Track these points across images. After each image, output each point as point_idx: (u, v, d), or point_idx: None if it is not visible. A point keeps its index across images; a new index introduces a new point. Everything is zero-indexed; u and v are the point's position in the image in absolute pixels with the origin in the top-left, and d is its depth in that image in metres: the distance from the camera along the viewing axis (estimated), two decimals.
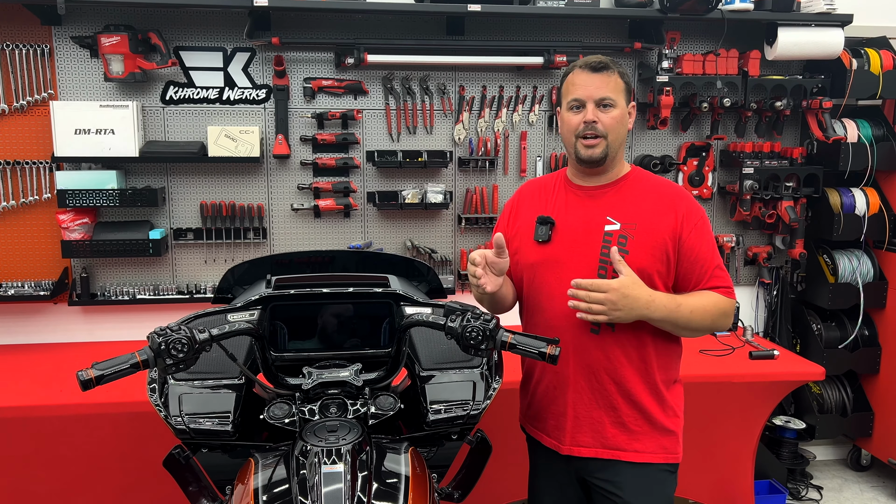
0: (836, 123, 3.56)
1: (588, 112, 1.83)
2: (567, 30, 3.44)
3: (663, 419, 1.88)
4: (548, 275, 1.89)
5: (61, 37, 3.11)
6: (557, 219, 1.92)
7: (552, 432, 1.94)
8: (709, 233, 1.89)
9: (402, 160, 3.33)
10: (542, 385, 1.96)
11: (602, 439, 1.88)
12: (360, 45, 3.20)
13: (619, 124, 1.87)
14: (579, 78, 1.86)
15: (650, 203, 1.88)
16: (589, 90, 1.84)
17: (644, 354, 1.86)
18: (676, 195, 1.89)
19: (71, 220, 3.09)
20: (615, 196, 1.91)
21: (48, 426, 2.60)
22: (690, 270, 1.86)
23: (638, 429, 1.87)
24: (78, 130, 3.04)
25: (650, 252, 1.83)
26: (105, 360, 1.47)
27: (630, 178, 1.94)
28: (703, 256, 1.85)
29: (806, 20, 3.37)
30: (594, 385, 1.87)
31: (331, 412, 1.64)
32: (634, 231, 1.84)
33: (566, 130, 1.90)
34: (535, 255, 1.93)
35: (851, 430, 3.76)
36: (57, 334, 3.29)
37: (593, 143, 1.84)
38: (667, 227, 1.84)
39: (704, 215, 1.90)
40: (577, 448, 1.90)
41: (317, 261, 2.16)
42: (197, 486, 1.73)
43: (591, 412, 1.88)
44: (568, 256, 1.87)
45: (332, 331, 1.84)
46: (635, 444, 1.87)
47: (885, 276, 3.63)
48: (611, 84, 1.85)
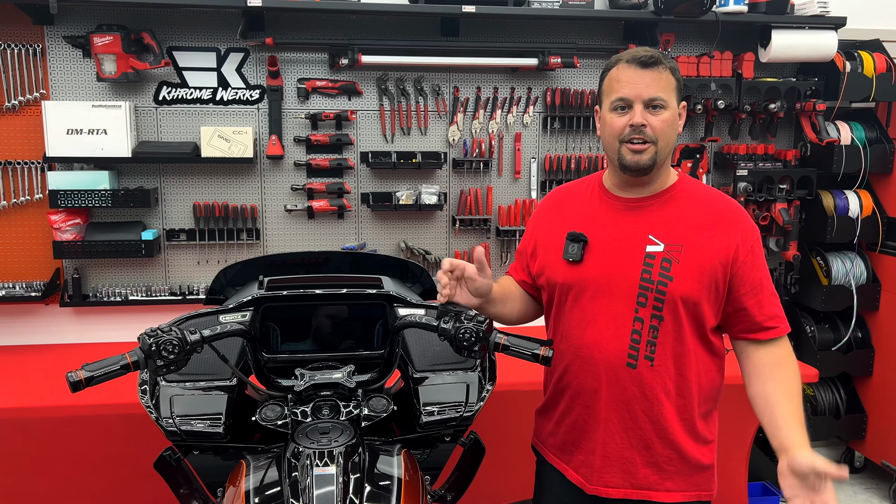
0: (830, 126, 3.57)
1: (636, 114, 1.60)
2: (562, 31, 3.44)
3: (698, 454, 1.71)
4: (580, 300, 1.70)
5: (53, 36, 3.09)
6: (591, 235, 1.70)
7: (579, 468, 1.76)
8: (762, 256, 1.67)
9: (396, 161, 3.32)
10: (570, 417, 1.77)
11: (633, 480, 1.69)
12: (355, 46, 3.20)
13: (671, 128, 1.63)
14: (626, 74, 1.61)
15: (700, 221, 1.65)
16: (638, 88, 1.59)
17: (684, 390, 1.67)
18: (731, 213, 1.67)
19: (63, 220, 3.07)
20: (660, 211, 1.68)
21: (38, 428, 2.58)
22: (743, 303, 1.65)
23: (672, 468, 1.68)
24: (70, 130, 3.02)
25: (697, 279, 1.61)
26: (95, 362, 1.46)
27: (678, 189, 1.71)
28: (757, 286, 1.64)
29: (799, 23, 3.38)
30: (628, 423, 1.68)
31: (323, 414, 1.63)
32: (680, 254, 1.62)
33: (608, 135, 1.66)
34: (564, 276, 1.72)
35: (845, 431, 3.77)
36: (48, 335, 3.27)
37: (641, 149, 1.61)
38: (718, 251, 1.62)
39: (759, 236, 1.69)
40: (605, 489, 1.72)
41: (310, 262, 2.15)
42: (188, 489, 1.72)
43: (622, 452, 1.69)
44: (602, 280, 1.66)
45: (324, 332, 1.84)
46: (667, 483, 1.69)
47: (878, 279, 3.64)
48: (662, 82, 1.60)
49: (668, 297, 1.62)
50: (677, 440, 1.68)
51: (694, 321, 1.65)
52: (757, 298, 1.65)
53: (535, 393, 2.00)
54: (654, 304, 1.62)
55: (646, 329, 1.64)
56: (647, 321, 1.64)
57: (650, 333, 1.64)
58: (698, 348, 1.68)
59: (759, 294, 1.65)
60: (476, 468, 1.85)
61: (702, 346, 1.69)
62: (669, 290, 1.61)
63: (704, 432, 1.73)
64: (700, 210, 1.68)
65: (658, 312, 1.63)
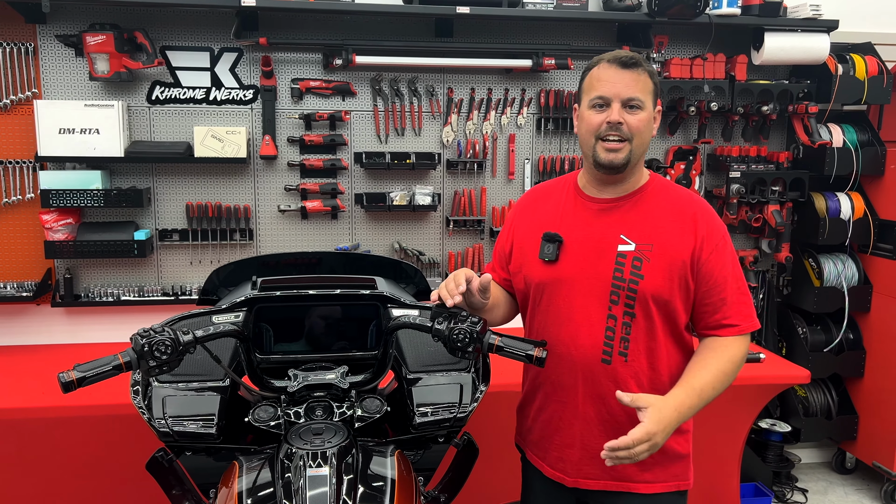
0: (822, 128, 3.58)
1: (613, 112, 1.65)
2: (555, 33, 3.44)
3: (675, 444, 1.75)
4: (556, 298, 1.75)
5: (46, 35, 3.08)
6: (566, 235, 1.75)
7: (555, 464, 1.81)
8: (730, 254, 1.73)
9: (390, 162, 3.32)
10: (545, 413, 1.82)
11: (612, 471, 1.73)
12: (349, 46, 3.19)
13: (646, 129, 1.69)
14: (606, 73, 1.66)
15: (669, 220, 1.71)
16: (617, 87, 1.65)
17: (657, 383, 1.72)
18: (697, 211, 1.73)
19: (54, 220, 3.06)
20: (631, 211, 1.74)
21: (30, 428, 2.57)
22: (707, 298, 1.70)
23: (650, 460, 1.67)
24: (62, 130, 3.01)
25: (667, 277, 1.67)
26: (87, 362, 1.46)
27: (648, 189, 1.76)
28: (721, 283, 1.69)
29: (792, 25, 3.39)
30: (604, 416, 1.73)
31: (316, 415, 1.63)
32: (651, 252, 1.68)
33: (585, 130, 1.71)
34: (541, 275, 1.77)
35: (836, 433, 3.78)
36: (39, 336, 3.25)
37: (616, 147, 1.66)
38: (685, 249, 1.68)
39: (726, 233, 1.74)
40: (585, 481, 1.77)
41: (303, 262, 2.15)
42: (180, 490, 1.71)
43: (600, 444, 1.66)
44: (577, 279, 1.72)
45: (318, 333, 1.83)
46: (646, 474, 1.75)
47: (869, 280, 3.66)
48: (640, 83, 1.66)
49: (639, 294, 1.68)
50: None
51: (665, 318, 1.71)
52: (721, 295, 1.70)
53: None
54: (626, 302, 1.68)
55: (619, 326, 1.70)
56: (619, 318, 1.69)
57: (623, 330, 1.70)
58: (669, 344, 1.74)
59: (723, 291, 1.70)
60: (469, 469, 1.85)
61: (673, 341, 1.74)
62: (640, 288, 1.67)
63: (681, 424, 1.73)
64: (670, 209, 1.73)
65: (630, 310, 1.69)
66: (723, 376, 1.68)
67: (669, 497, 1.78)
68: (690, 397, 1.62)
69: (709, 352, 1.71)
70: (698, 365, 1.70)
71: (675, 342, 1.75)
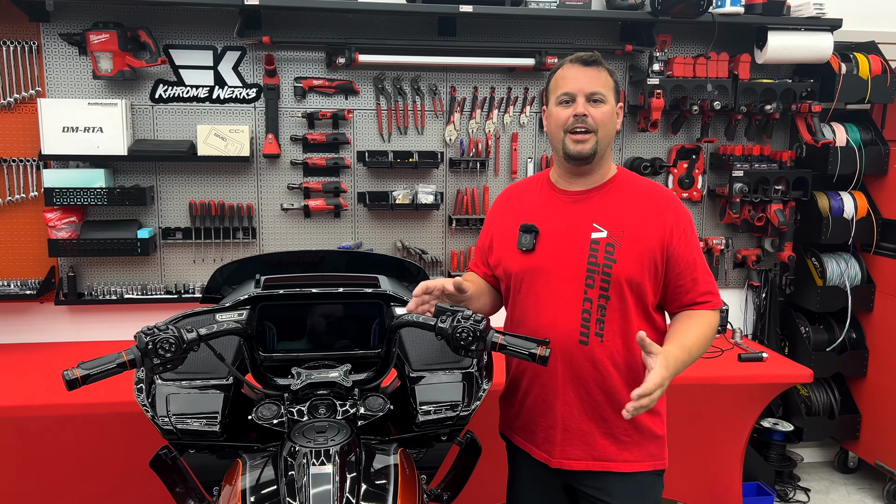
0: (825, 127, 3.58)
1: (578, 105, 1.79)
2: (558, 31, 3.44)
3: (651, 424, 1.87)
4: (534, 285, 1.86)
5: (49, 34, 3.08)
6: (541, 226, 1.87)
7: (542, 445, 1.90)
8: (695, 238, 1.87)
9: (392, 161, 3.32)
10: (530, 396, 1.91)
11: (592, 451, 1.85)
12: (352, 45, 3.19)
13: (610, 120, 1.82)
14: (570, 72, 1.82)
15: (638, 209, 1.84)
16: (580, 83, 1.79)
17: (632, 363, 1.82)
18: (664, 200, 1.86)
19: (58, 218, 3.06)
20: (601, 201, 1.86)
21: (34, 426, 2.58)
22: (680, 280, 1.83)
23: (627, 439, 1.85)
24: (66, 128, 3.01)
25: (638, 260, 1.79)
26: (91, 360, 1.46)
27: (617, 181, 1.89)
28: (692, 265, 1.83)
29: (796, 24, 3.38)
30: (583, 396, 1.84)
31: (320, 413, 1.63)
32: (622, 238, 1.80)
33: (554, 126, 1.84)
34: (519, 265, 1.88)
35: (839, 432, 3.78)
36: (43, 334, 3.26)
37: (583, 139, 1.79)
38: (655, 235, 1.80)
39: (691, 220, 1.88)
40: (568, 461, 1.87)
41: (306, 261, 2.15)
42: (184, 487, 1.71)
43: (580, 424, 1.85)
44: (554, 266, 1.83)
45: (321, 331, 1.84)
46: (625, 454, 1.85)
47: (872, 280, 3.65)
48: (601, 79, 1.81)
49: (613, 278, 1.79)
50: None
51: (637, 300, 1.82)
52: (692, 276, 1.83)
53: None
54: (601, 286, 1.79)
55: (594, 308, 1.80)
56: (595, 301, 1.80)
57: (598, 312, 1.80)
58: (642, 324, 1.83)
59: (694, 272, 1.83)
60: (472, 467, 1.85)
61: (645, 321, 1.85)
62: (614, 271, 1.78)
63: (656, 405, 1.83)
64: (637, 199, 1.86)
65: (605, 292, 1.80)
66: (705, 340, 1.80)
67: (647, 476, 1.88)
68: (683, 353, 1.72)
69: (689, 319, 1.83)
70: (684, 327, 1.81)
71: (647, 322, 1.85)
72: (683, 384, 2.87)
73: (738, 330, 3.43)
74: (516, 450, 1.99)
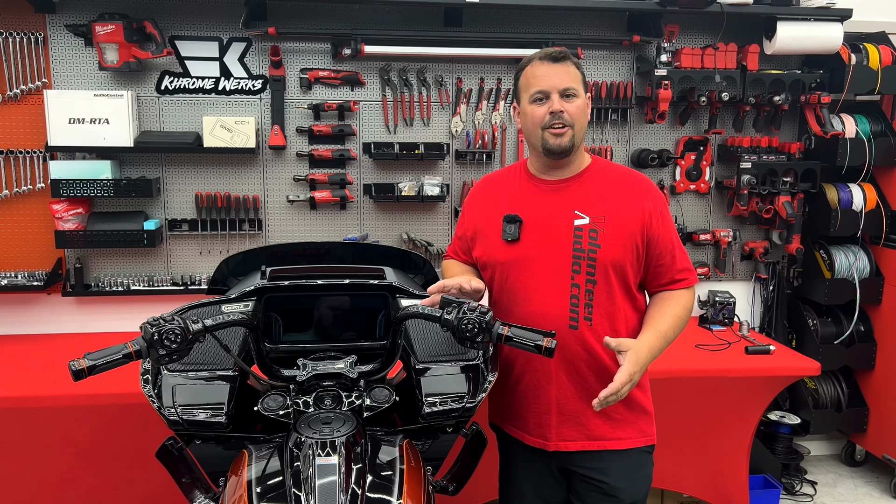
0: (835, 118, 3.55)
1: (554, 102, 1.82)
2: (565, 22, 3.42)
3: (642, 399, 1.94)
4: (521, 274, 1.88)
5: (55, 25, 3.08)
6: (525, 216, 1.90)
7: (534, 430, 1.93)
8: (670, 218, 1.94)
9: (398, 152, 3.31)
10: (522, 383, 1.93)
11: (587, 431, 1.90)
12: (357, 36, 3.18)
13: (583, 114, 1.87)
14: (541, 69, 1.85)
15: (617, 194, 1.89)
16: (552, 80, 1.83)
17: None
18: (640, 185, 1.92)
19: (65, 210, 3.07)
20: (580, 189, 1.90)
21: (40, 417, 2.59)
22: (661, 260, 1.90)
23: (619, 417, 1.90)
24: (72, 120, 3.01)
25: (621, 244, 1.85)
26: (97, 351, 1.46)
27: (593, 169, 1.94)
28: (670, 244, 1.90)
29: (805, 14, 3.35)
30: (575, 379, 1.88)
31: (325, 404, 1.63)
32: (604, 224, 1.85)
33: (531, 124, 1.88)
34: (505, 255, 1.91)
35: (846, 425, 3.77)
36: (50, 325, 3.27)
37: (562, 132, 1.83)
38: (635, 218, 1.86)
39: (665, 202, 1.95)
40: (564, 443, 1.91)
41: (312, 252, 2.15)
42: (190, 478, 1.72)
43: (574, 406, 1.89)
44: (539, 254, 1.87)
45: (327, 323, 1.84)
46: (618, 432, 1.91)
47: (881, 272, 3.63)
48: (571, 74, 1.85)
49: (598, 262, 1.84)
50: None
51: (621, 281, 1.87)
52: (671, 255, 1.90)
53: None
54: (588, 271, 1.84)
55: (582, 293, 1.85)
56: (582, 286, 1.85)
57: (587, 297, 1.85)
58: (626, 305, 1.90)
59: (673, 251, 1.90)
60: (478, 459, 1.85)
61: (629, 302, 1.91)
62: (599, 256, 1.83)
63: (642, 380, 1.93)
64: (615, 185, 1.91)
65: (591, 277, 1.85)
66: (680, 321, 1.89)
67: (640, 452, 1.94)
68: (658, 339, 1.82)
69: (664, 302, 1.91)
70: (659, 312, 1.89)
71: (630, 303, 1.91)
72: (690, 377, 2.88)
73: (746, 322, 3.42)
74: (508, 438, 2.02)
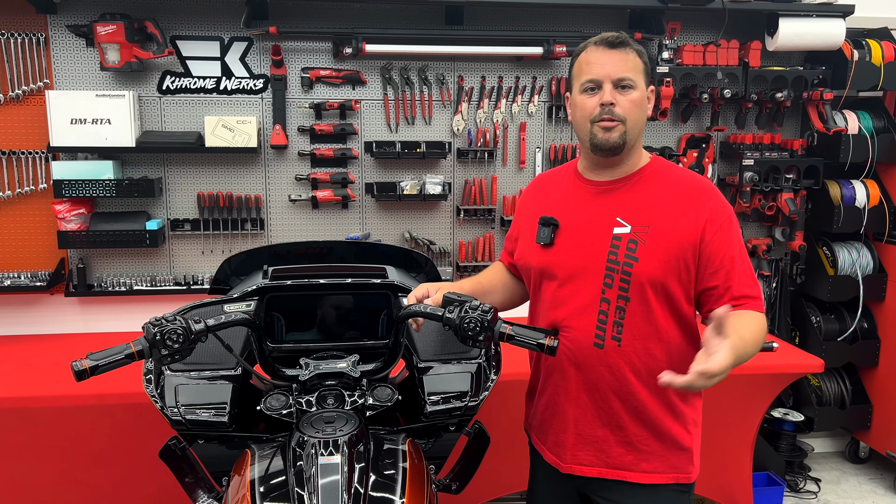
0: (837, 115, 3.54)
1: (605, 93, 1.63)
2: (567, 19, 3.41)
3: (676, 433, 1.71)
4: (550, 282, 1.75)
5: (57, 25, 3.08)
6: (562, 219, 1.74)
7: (552, 448, 1.81)
8: (736, 235, 1.66)
9: (400, 151, 3.31)
10: (544, 397, 1.82)
11: (606, 458, 1.72)
12: (359, 35, 3.18)
13: (639, 108, 1.66)
14: (594, 56, 1.65)
15: (668, 201, 1.66)
16: (606, 69, 1.63)
17: (655, 369, 1.59)
18: (700, 192, 1.67)
19: (67, 210, 3.07)
20: (628, 193, 1.70)
21: (44, 417, 2.59)
22: (712, 281, 1.64)
23: (647, 448, 1.70)
24: (74, 120, 3.02)
25: (663, 259, 1.62)
26: (100, 351, 1.46)
27: (648, 171, 1.72)
28: (728, 265, 1.63)
29: (807, 11, 3.35)
30: (598, 402, 1.71)
31: (328, 403, 1.63)
32: (646, 235, 1.64)
33: (580, 116, 1.68)
34: (538, 260, 1.77)
35: (850, 422, 3.76)
36: (53, 325, 3.27)
37: (611, 126, 1.63)
38: (685, 231, 1.63)
39: (732, 215, 1.68)
40: (579, 466, 1.75)
41: (314, 252, 2.15)
42: (193, 478, 1.72)
43: (594, 430, 1.72)
44: (571, 262, 1.71)
45: (329, 322, 1.83)
46: (643, 463, 1.70)
47: (884, 269, 3.62)
48: (629, 63, 1.64)
49: (633, 278, 1.63)
50: (653, 420, 1.69)
51: (664, 301, 1.65)
52: (727, 276, 1.63)
53: None
54: (621, 286, 1.65)
55: (612, 310, 1.66)
56: (613, 302, 1.66)
57: (616, 314, 1.65)
58: (671, 327, 1.68)
59: (731, 272, 1.63)
60: (481, 458, 1.85)
61: (675, 326, 1.68)
62: (635, 271, 1.63)
63: (684, 410, 1.73)
64: (669, 191, 1.68)
65: (624, 293, 1.65)
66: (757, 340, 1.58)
67: (669, 490, 1.72)
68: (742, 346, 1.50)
69: (741, 318, 1.58)
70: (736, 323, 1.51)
71: (678, 326, 1.69)
72: None
73: None
74: (533, 450, 1.93)
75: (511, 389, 2.12)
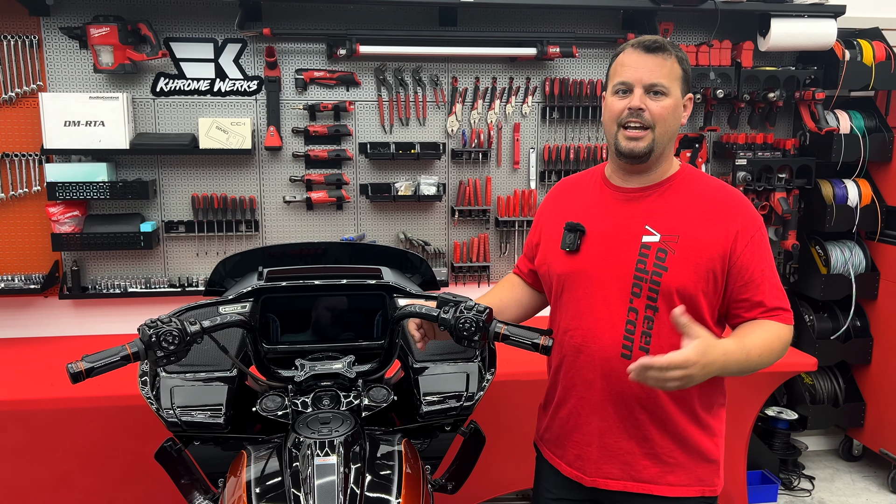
0: (829, 115, 3.56)
1: (635, 97, 1.59)
2: (560, 20, 3.42)
3: (703, 445, 1.69)
4: (575, 290, 1.69)
5: (50, 28, 3.07)
6: (588, 225, 1.70)
7: (573, 462, 1.75)
8: (765, 247, 1.64)
9: (394, 152, 3.32)
10: (564, 409, 1.76)
11: (632, 472, 1.68)
12: (352, 36, 3.18)
13: (671, 116, 1.62)
14: (630, 58, 1.62)
15: (699, 211, 1.63)
16: (639, 73, 1.59)
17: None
18: (732, 203, 1.64)
19: (61, 212, 3.07)
20: (658, 200, 1.67)
21: (39, 419, 2.59)
22: (742, 294, 1.62)
23: (673, 461, 1.67)
24: (67, 122, 3.01)
25: (693, 270, 1.59)
26: (95, 353, 1.46)
27: (678, 179, 1.69)
28: (758, 278, 1.61)
29: (799, 11, 3.36)
30: (624, 414, 1.67)
31: (324, 404, 1.64)
32: (676, 244, 1.60)
33: (608, 118, 1.65)
34: (562, 267, 1.72)
35: (843, 420, 3.78)
36: (48, 328, 3.27)
37: (638, 136, 1.60)
38: (716, 242, 1.60)
39: (762, 227, 1.65)
40: (604, 480, 1.70)
41: (309, 253, 2.15)
42: (189, 479, 1.72)
43: (620, 443, 1.68)
44: (598, 270, 1.66)
45: (324, 323, 1.84)
46: (669, 476, 1.67)
47: (876, 267, 3.64)
48: (665, 69, 1.60)
49: (662, 287, 1.60)
50: (679, 431, 1.67)
51: (692, 312, 1.57)
52: (756, 289, 1.61)
53: (536, 383, 2.00)
54: (649, 295, 1.61)
55: (640, 320, 1.62)
56: (641, 312, 1.62)
57: (645, 324, 1.62)
58: None
59: (760, 285, 1.61)
60: (476, 457, 1.85)
61: None
62: (664, 280, 1.60)
63: (710, 422, 1.71)
64: (700, 200, 1.65)
65: (653, 303, 1.61)
66: (769, 350, 1.58)
67: (695, 502, 1.69)
68: (739, 351, 1.52)
69: (756, 325, 1.61)
70: (746, 330, 1.60)
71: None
72: None
73: None
74: (545, 464, 1.85)
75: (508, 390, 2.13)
